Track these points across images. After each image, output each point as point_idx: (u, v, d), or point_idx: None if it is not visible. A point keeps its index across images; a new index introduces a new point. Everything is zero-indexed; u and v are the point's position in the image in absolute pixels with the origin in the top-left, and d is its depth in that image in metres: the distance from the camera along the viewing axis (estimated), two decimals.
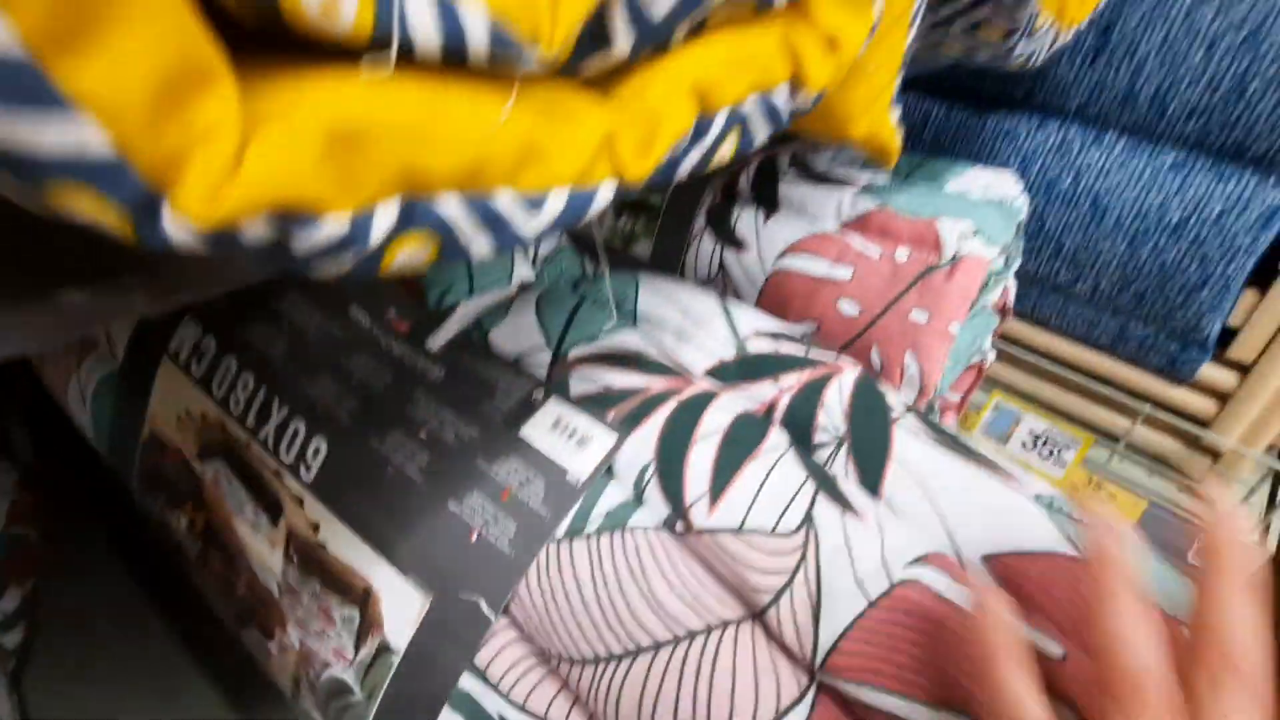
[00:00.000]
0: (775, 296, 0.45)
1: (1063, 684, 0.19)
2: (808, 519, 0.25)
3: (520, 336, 0.34)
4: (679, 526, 0.27)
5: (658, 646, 0.24)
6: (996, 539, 0.24)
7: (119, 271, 0.17)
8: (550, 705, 0.26)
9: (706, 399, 0.30)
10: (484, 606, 0.26)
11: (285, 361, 0.33)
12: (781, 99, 0.20)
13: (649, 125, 0.16)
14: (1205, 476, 0.60)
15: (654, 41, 0.16)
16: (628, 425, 0.29)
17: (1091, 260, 0.59)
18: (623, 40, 0.15)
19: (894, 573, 0.24)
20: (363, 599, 0.28)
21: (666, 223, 0.48)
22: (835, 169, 0.48)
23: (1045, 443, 0.67)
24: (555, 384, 0.32)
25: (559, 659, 0.26)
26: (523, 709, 0.26)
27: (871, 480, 0.28)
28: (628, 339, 0.34)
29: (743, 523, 0.26)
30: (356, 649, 0.28)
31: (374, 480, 0.29)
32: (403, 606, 0.27)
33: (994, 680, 0.18)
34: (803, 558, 0.24)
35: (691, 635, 0.24)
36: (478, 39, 0.12)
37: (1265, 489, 0.60)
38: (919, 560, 0.24)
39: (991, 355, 0.55)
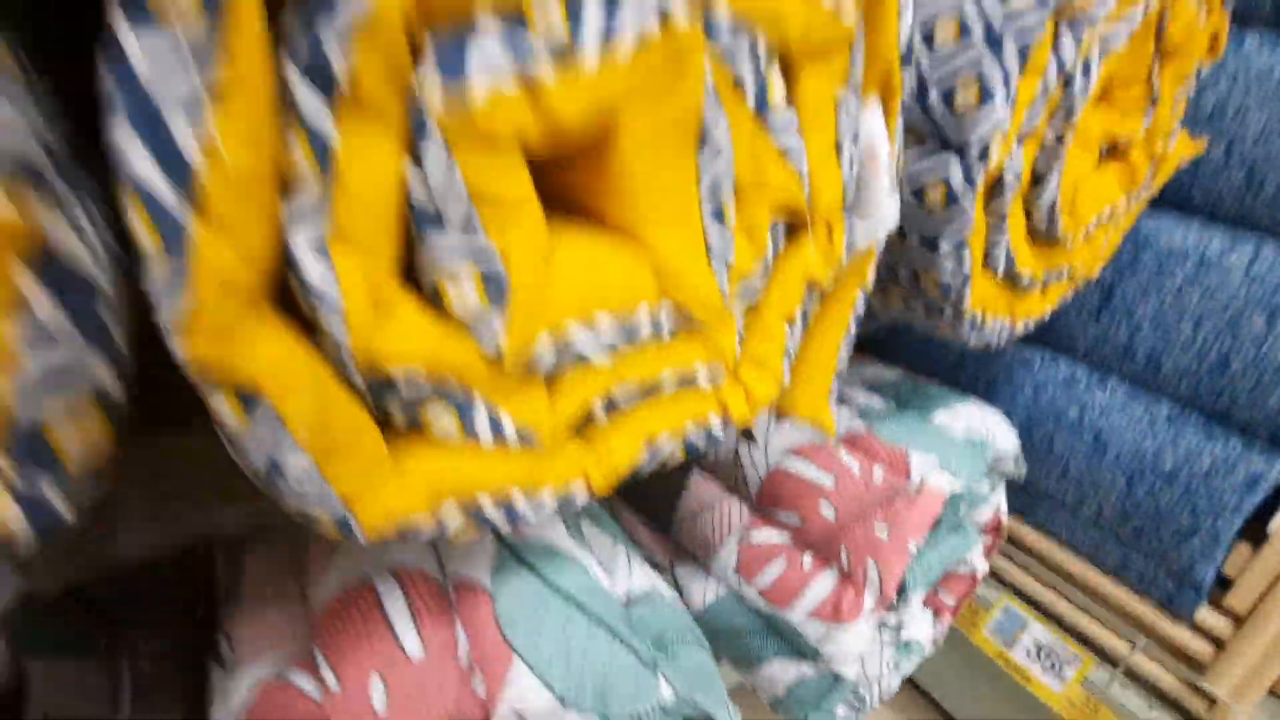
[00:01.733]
0: (772, 488, 0.54)
1: None
2: None
3: None
4: None
5: None
6: None
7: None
8: None
9: None
10: None
11: None
12: (716, 429, 0.31)
13: (609, 461, 0.28)
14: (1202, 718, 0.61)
15: (616, 410, 0.28)
16: None
17: (1094, 487, 0.64)
18: (600, 415, 0.27)
19: None
20: None
21: None
22: (840, 389, 0.58)
23: (1047, 655, 0.69)
24: None
25: None
26: None
27: None
28: None
29: None
30: None
31: None
32: None
33: None
34: None
35: None
36: (511, 435, 0.24)
37: None
38: None
39: (983, 568, 0.61)
